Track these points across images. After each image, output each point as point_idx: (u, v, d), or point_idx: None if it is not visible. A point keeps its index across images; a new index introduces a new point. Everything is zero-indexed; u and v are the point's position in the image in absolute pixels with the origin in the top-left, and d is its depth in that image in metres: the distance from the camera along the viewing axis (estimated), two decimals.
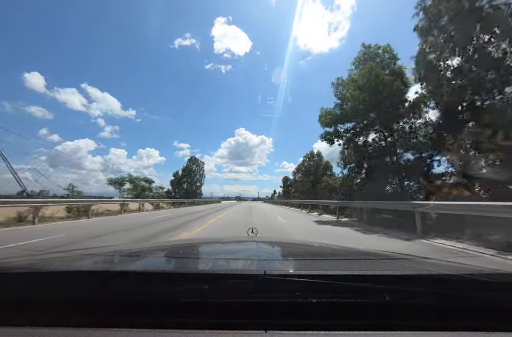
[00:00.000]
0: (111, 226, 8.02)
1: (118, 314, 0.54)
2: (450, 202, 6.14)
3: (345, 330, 0.50)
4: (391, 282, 0.61)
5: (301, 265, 0.90)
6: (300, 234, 6.46)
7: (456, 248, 4.81)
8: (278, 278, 0.59)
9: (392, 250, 1.43)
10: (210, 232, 6.64)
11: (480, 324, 0.52)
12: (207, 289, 0.56)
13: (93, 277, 0.64)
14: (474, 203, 5.11)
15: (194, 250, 1.32)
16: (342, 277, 0.61)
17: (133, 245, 2.42)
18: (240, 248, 1.38)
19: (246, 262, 0.90)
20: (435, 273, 0.72)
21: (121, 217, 12.47)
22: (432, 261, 1.02)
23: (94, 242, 4.96)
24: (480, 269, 0.74)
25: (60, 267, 0.79)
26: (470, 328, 0.50)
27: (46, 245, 4.75)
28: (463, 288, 0.61)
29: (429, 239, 5.81)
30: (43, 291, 0.59)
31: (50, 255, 1.04)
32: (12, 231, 6.85)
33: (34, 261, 0.88)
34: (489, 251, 4.31)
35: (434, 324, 0.52)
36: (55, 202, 10.32)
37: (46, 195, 21.82)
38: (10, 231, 6.95)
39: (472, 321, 0.53)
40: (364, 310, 0.55)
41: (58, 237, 5.76)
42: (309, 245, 1.67)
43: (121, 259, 0.95)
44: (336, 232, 7.33)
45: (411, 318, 0.54)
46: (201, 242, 1.78)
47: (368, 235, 6.69)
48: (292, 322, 0.52)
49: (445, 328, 0.50)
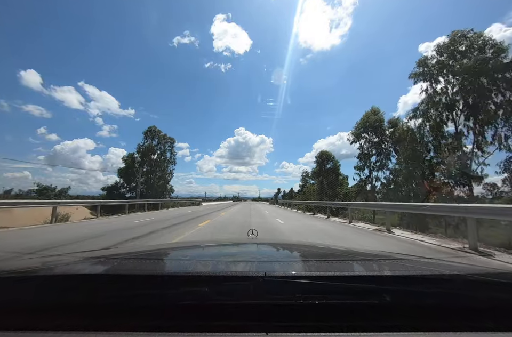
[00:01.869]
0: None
1: (118, 317, 0.54)
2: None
3: (346, 331, 0.50)
4: (391, 283, 0.61)
5: (301, 266, 0.90)
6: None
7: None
8: (278, 279, 0.59)
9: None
10: None
11: (482, 324, 0.52)
12: (207, 291, 0.56)
13: (93, 280, 0.64)
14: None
15: (194, 252, 1.31)
16: (342, 278, 0.61)
17: (131, 248, 2.41)
18: (240, 250, 1.38)
19: (246, 264, 0.90)
20: (436, 274, 0.72)
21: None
22: (433, 261, 1.02)
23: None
24: (481, 269, 0.74)
25: (59, 270, 0.78)
26: (471, 328, 0.50)
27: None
28: (464, 288, 0.61)
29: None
30: (42, 295, 0.59)
31: (49, 258, 1.03)
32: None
33: (33, 264, 0.88)
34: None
35: (435, 324, 0.52)
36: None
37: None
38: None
39: (473, 322, 0.53)
40: (364, 311, 0.55)
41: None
42: (309, 246, 1.68)
43: (120, 262, 0.95)
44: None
45: (412, 318, 0.54)
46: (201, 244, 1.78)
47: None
48: (293, 324, 0.52)
49: (445, 329, 0.50)
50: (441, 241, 5.71)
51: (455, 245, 5.07)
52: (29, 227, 8.39)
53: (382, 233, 7.16)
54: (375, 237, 6.55)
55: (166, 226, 8.37)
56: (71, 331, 0.50)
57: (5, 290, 0.60)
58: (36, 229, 7.90)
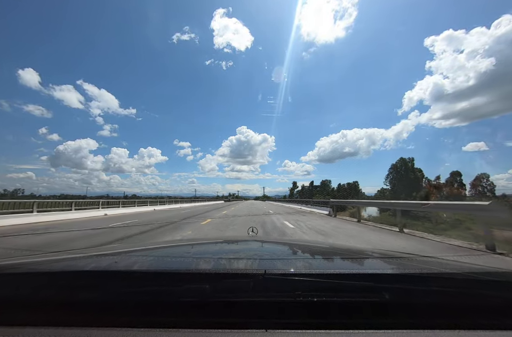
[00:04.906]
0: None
1: (119, 314, 0.54)
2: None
3: (346, 329, 0.50)
4: (391, 281, 0.62)
5: (301, 264, 0.90)
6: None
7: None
8: (278, 277, 0.59)
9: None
10: None
11: (481, 322, 0.52)
12: (207, 288, 0.56)
13: (94, 276, 0.65)
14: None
15: (195, 249, 1.32)
16: (342, 276, 0.61)
17: (132, 245, 2.43)
18: (241, 248, 1.39)
19: (247, 261, 0.90)
20: (435, 272, 0.72)
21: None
22: (432, 259, 1.02)
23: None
24: (481, 267, 0.74)
25: (60, 267, 0.79)
26: (470, 327, 0.51)
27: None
28: (464, 287, 0.61)
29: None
30: (43, 291, 0.60)
31: (50, 255, 1.04)
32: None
33: (34, 261, 0.89)
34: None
35: (434, 322, 0.52)
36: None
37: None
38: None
39: (472, 320, 0.53)
40: (364, 309, 0.55)
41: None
42: (309, 244, 1.69)
43: (121, 259, 0.96)
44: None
45: (411, 316, 0.54)
46: (202, 241, 1.79)
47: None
48: (293, 321, 0.53)
49: (444, 327, 0.51)
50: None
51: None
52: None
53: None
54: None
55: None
56: (71, 327, 0.50)
57: (5, 286, 0.61)
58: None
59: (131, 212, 17.29)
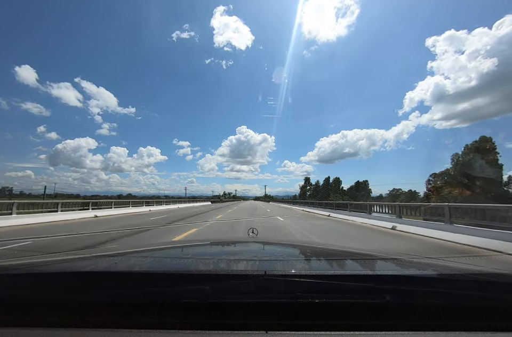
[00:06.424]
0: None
1: (119, 315, 0.55)
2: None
3: (346, 330, 0.50)
4: (392, 282, 0.62)
5: (301, 265, 0.90)
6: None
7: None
8: (278, 278, 0.59)
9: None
10: None
11: (481, 324, 0.52)
12: (207, 289, 0.56)
13: (94, 277, 0.65)
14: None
15: (195, 250, 1.32)
16: (342, 277, 0.61)
17: (133, 246, 2.40)
18: (241, 249, 1.39)
19: (247, 263, 0.90)
20: (435, 273, 0.73)
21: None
22: (432, 261, 1.02)
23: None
24: (480, 269, 0.74)
25: (61, 268, 0.79)
26: (470, 328, 0.51)
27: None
28: (464, 288, 0.61)
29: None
30: (44, 292, 0.59)
31: (51, 257, 1.04)
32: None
33: (35, 262, 0.89)
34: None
35: (434, 324, 0.52)
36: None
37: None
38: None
39: (472, 321, 0.53)
40: (364, 310, 0.55)
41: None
42: (309, 245, 1.69)
43: (122, 260, 0.96)
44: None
45: (411, 317, 0.54)
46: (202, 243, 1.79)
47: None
48: (293, 323, 0.53)
49: (444, 328, 0.51)
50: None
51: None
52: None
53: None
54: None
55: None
56: (71, 328, 0.50)
57: (4, 287, 0.60)
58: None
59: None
